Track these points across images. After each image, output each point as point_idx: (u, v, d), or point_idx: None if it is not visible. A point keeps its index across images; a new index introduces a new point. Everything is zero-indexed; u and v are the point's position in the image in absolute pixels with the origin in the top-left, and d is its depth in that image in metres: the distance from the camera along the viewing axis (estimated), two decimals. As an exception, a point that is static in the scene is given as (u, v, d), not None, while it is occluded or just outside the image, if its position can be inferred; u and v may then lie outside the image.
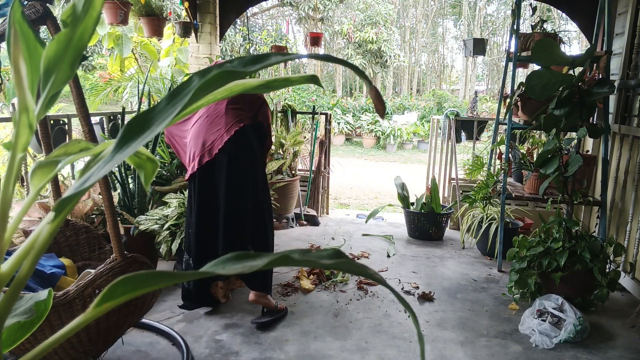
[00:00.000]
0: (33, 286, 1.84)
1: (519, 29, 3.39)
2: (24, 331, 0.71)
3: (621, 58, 3.45)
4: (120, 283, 0.55)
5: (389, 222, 4.80)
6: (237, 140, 2.48)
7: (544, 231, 2.81)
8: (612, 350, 2.38)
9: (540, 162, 2.80)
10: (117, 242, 1.68)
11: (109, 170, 0.54)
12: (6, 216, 0.57)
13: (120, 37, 5.58)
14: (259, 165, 2.61)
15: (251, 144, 2.53)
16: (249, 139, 2.52)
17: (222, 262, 0.56)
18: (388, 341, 2.40)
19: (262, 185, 2.60)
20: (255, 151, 2.55)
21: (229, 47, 12.69)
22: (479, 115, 4.88)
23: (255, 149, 2.56)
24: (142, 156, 0.66)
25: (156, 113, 0.55)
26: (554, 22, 15.65)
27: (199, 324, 2.50)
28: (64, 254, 2.21)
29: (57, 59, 0.57)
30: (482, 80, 27.89)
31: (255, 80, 0.65)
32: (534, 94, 2.81)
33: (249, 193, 2.50)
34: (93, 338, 1.70)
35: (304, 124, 5.58)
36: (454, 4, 24.82)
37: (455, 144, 4.51)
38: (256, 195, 2.54)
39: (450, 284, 3.17)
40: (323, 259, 0.56)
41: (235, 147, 2.48)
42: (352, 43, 18.08)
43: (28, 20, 0.67)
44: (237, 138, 2.47)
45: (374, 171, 9.65)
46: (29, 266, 0.56)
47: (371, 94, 2.86)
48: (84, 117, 1.63)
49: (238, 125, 2.50)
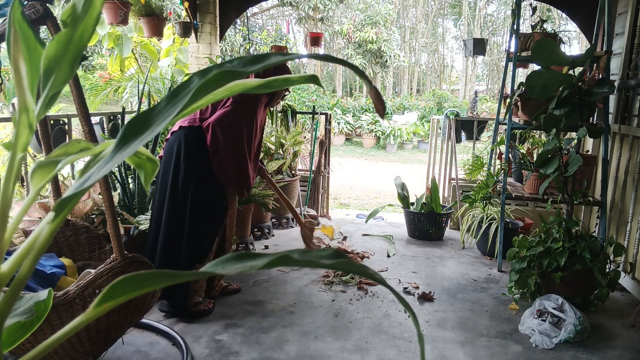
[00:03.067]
0: (33, 286, 1.84)
1: (519, 29, 3.39)
2: (24, 331, 0.71)
3: (621, 58, 3.45)
4: (120, 283, 0.55)
5: (389, 222, 4.80)
6: (170, 143, 2.48)
7: (544, 231, 2.81)
8: (612, 350, 2.38)
9: (540, 162, 2.80)
10: (117, 242, 1.68)
11: (109, 170, 0.54)
12: (6, 216, 0.57)
13: (120, 37, 5.58)
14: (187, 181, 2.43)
15: (177, 154, 2.41)
16: (186, 144, 2.41)
17: (222, 262, 0.56)
18: (388, 341, 2.40)
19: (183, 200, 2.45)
20: (179, 167, 2.41)
21: (229, 47, 12.69)
22: (479, 115, 4.88)
23: (194, 160, 2.41)
24: (142, 156, 0.66)
25: (156, 113, 0.55)
26: (554, 22, 15.65)
27: (199, 324, 2.50)
28: (64, 254, 2.21)
29: (57, 59, 0.57)
30: (482, 80, 27.89)
31: (255, 80, 0.65)
32: (534, 94, 2.81)
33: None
34: (93, 338, 1.70)
35: (304, 124, 5.58)
36: (454, 4, 24.82)
37: (455, 144, 4.51)
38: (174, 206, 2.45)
39: (450, 284, 3.17)
40: (323, 259, 0.56)
41: (167, 151, 2.48)
42: (352, 43, 18.08)
43: (28, 20, 0.67)
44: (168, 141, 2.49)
45: (374, 171, 9.65)
46: (29, 266, 0.56)
47: (371, 94, 2.85)
48: (84, 117, 1.63)
49: (181, 124, 2.46)
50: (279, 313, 2.65)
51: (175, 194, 2.42)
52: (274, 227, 4.34)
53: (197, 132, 2.43)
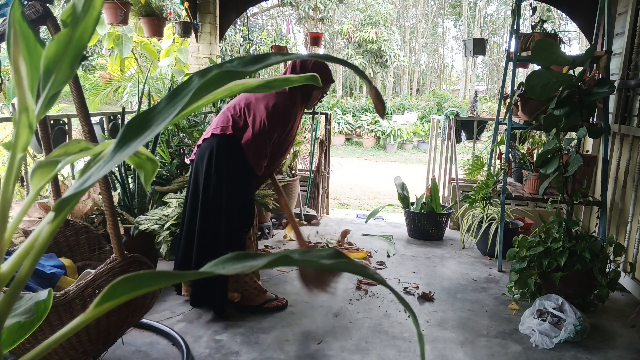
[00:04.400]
0: (33, 286, 1.84)
1: (519, 29, 3.39)
2: (24, 331, 0.71)
3: (621, 58, 3.45)
4: (120, 283, 0.55)
5: (389, 222, 4.80)
6: (201, 150, 2.47)
7: (544, 231, 2.81)
8: (612, 350, 2.38)
9: (540, 162, 2.80)
10: (117, 242, 1.68)
11: (109, 170, 0.54)
12: (6, 216, 0.57)
13: (120, 37, 5.58)
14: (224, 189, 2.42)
15: (211, 161, 2.40)
16: (217, 153, 2.40)
17: (222, 262, 0.56)
18: (388, 341, 2.40)
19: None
20: (213, 173, 2.40)
21: (229, 47, 12.68)
22: (479, 115, 4.88)
23: (216, 170, 2.39)
24: (142, 156, 0.66)
25: (156, 113, 0.55)
26: (554, 22, 15.64)
27: (199, 324, 2.50)
28: (64, 254, 2.21)
29: (57, 59, 0.57)
30: (482, 80, 27.89)
31: (255, 80, 0.65)
32: (534, 94, 2.81)
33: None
34: (93, 338, 1.70)
35: (304, 124, 5.58)
36: (454, 4, 24.82)
37: (455, 144, 4.51)
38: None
39: (450, 284, 3.17)
40: (323, 259, 0.56)
41: (197, 159, 2.47)
42: (352, 43, 18.08)
43: (28, 20, 0.67)
44: (200, 149, 2.48)
45: (374, 171, 9.64)
46: (29, 266, 0.56)
47: (371, 93, 2.85)
48: (84, 117, 1.63)
49: (210, 132, 2.45)
50: (279, 313, 2.65)
51: (207, 201, 2.44)
52: (274, 227, 4.34)
53: (229, 140, 2.42)
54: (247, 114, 2.44)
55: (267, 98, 2.44)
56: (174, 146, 3.51)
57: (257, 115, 2.42)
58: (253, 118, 2.42)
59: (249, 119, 2.43)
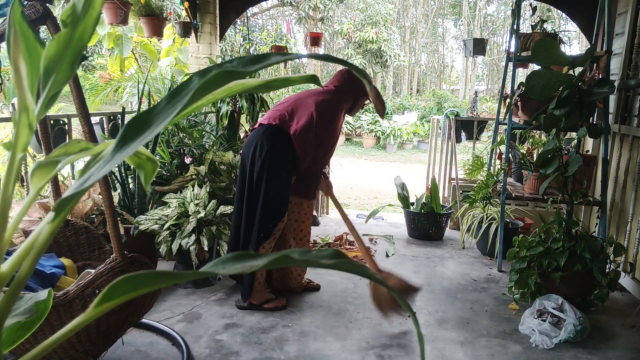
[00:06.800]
0: (33, 286, 1.84)
1: (519, 29, 3.39)
2: (24, 331, 0.71)
3: (621, 58, 3.45)
4: (120, 283, 0.55)
5: (388, 222, 4.80)
6: (249, 138, 2.65)
7: (544, 231, 2.81)
8: (612, 350, 2.38)
9: (540, 162, 2.80)
10: (117, 242, 1.68)
11: (109, 170, 0.54)
12: (6, 216, 0.57)
13: (120, 37, 5.58)
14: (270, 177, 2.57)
15: (261, 148, 2.56)
16: (262, 141, 2.56)
17: (222, 261, 0.56)
18: (388, 341, 2.40)
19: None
20: (264, 157, 2.55)
21: (229, 47, 12.68)
22: (479, 115, 4.88)
23: (268, 156, 2.54)
24: (142, 156, 0.66)
25: (156, 113, 0.55)
26: (554, 22, 15.64)
27: (199, 324, 2.50)
28: (64, 254, 2.21)
29: (57, 59, 0.57)
30: (482, 80, 27.88)
31: (255, 80, 0.65)
32: (534, 94, 2.81)
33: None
34: (93, 338, 1.69)
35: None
36: (454, 4, 24.80)
37: (455, 144, 4.51)
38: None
39: (450, 284, 3.17)
40: (323, 259, 0.56)
41: (245, 146, 2.65)
42: (352, 43, 18.06)
43: (28, 20, 0.67)
44: (250, 136, 2.65)
45: (374, 171, 9.65)
46: (29, 266, 0.56)
47: (371, 93, 2.86)
48: (84, 117, 1.63)
49: (261, 122, 2.63)
50: (279, 313, 2.65)
51: (251, 186, 2.64)
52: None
53: (274, 131, 2.58)
54: (296, 109, 2.62)
55: (316, 95, 2.65)
56: (174, 146, 3.50)
57: (306, 109, 2.59)
58: (302, 112, 2.59)
59: (298, 113, 2.60)
